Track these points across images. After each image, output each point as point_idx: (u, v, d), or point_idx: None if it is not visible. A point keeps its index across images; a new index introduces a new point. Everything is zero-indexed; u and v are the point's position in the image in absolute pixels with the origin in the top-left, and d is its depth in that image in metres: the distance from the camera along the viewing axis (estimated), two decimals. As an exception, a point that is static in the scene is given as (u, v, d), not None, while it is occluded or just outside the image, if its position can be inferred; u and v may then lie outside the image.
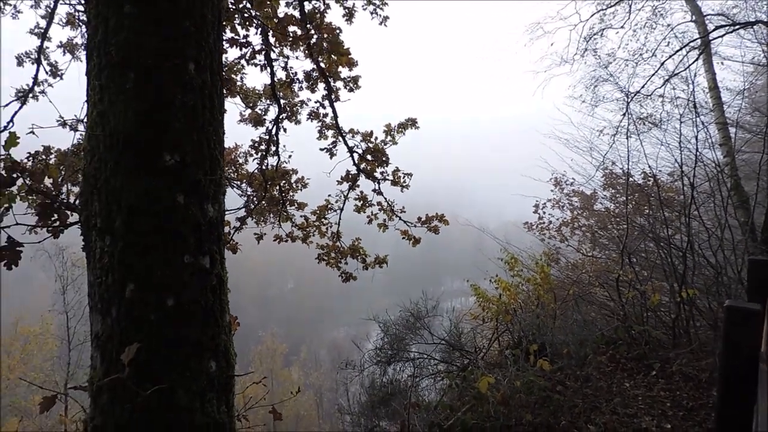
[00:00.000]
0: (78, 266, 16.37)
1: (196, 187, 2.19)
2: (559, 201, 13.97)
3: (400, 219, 8.10)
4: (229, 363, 2.31)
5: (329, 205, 8.31)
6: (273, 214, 8.37)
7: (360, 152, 7.88)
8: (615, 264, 9.48)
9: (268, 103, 8.01)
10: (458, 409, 4.49)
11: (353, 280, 8.29)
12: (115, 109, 2.11)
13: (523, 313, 7.12)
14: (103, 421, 2.09)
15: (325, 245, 8.47)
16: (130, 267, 2.06)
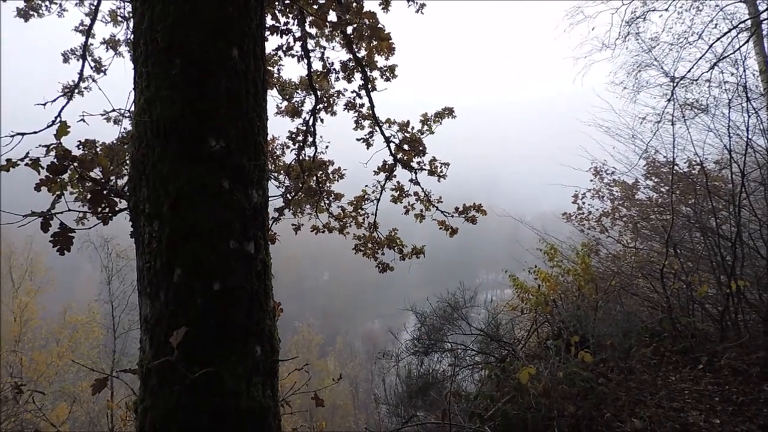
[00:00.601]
0: (122, 257, 16.87)
1: (241, 173, 2.22)
2: (599, 191, 13.65)
3: (438, 209, 8.04)
4: (273, 348, 2.33)
5: (366, 196, 8.32)
6: (310, 204, 8.43)
7: (397, 142, 7.84)
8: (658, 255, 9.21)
9: (304, 94, 8.06)
10: (498, 399, 4.44)
11: (390, 270, 8.30)
12: (161, 95, 2.14)
13: (563, 304, 6.98)
14: (152, 403, 2.13)
15: (361, 236, 8.49)
16: (177, 252, 2.10)
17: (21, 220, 2.19)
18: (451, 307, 7.29)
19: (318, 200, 8.18)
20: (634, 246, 10.82)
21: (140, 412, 2.19)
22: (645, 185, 12.30)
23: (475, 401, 4.53)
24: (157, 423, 2.10)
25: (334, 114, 8.28)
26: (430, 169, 8.06)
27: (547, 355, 5.44)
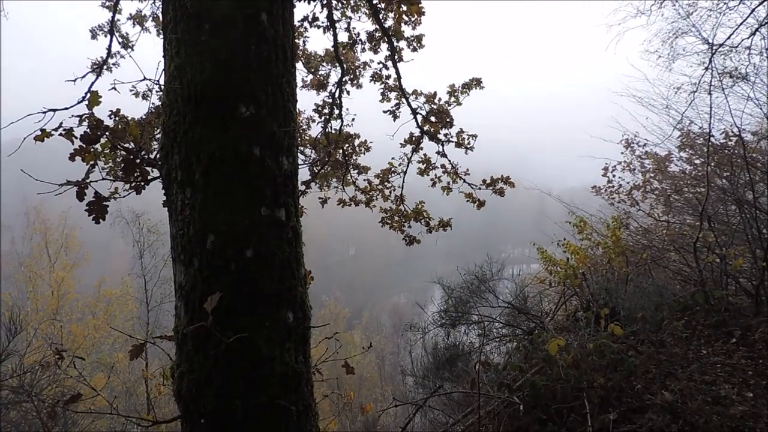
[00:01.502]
0: (153, 232, 17.21)
1: (271, 140, 2.21)
2: (630, 163, 13.34)
3: (465, 181, 7.97)
4: (305, 314, 2.36)
5: (392, 169, 8.28)
6: (336, 178, 8.43)
7: (423, 114, 7.75)
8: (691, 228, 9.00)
9: (329, 67, 8.00)
10: (527, 370, 4.43)
11: (417, 243, 8.29)
12: (191, 61, 2.14)
13: (593, 278, 6.90)
14: (189, 368, 2.18)
15: (388, 209, 8.48)
16: (210, 219, 2.12)
17: (57, 189, 2.23)
18: (478, 279, 7.26)
19: (344, 173, 8.17)
20: (666, 220, 10.58)
21: (177, 377, 2.24)
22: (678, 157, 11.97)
23: (504, 372, 4.54)
24: (193, 387, 2.15)
25: (360, 87, 8.22)
26: (458, 141, 7.96)
27: (575, 328, 5.40)
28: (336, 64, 7.63)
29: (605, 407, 3.82)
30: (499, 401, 4.07)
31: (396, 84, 7.86)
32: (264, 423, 2.15)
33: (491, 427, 3.89)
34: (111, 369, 6.70)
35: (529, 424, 3.86)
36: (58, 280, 21.46)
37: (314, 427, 2.40)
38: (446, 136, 8.01)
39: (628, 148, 13.15)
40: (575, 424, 3.65)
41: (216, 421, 2.13)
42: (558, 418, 3.77)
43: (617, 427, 3.60)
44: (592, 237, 8.08)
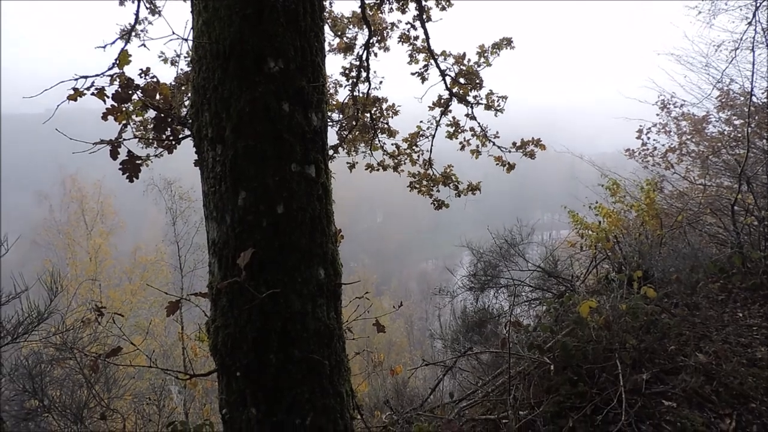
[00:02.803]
0: (185, 199, 17.53)
1: (300, 95, 2.19)
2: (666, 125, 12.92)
3: (494, 144, 7.84)
4: (336, 271, 2.37)
5: (421, 132, 8.19)
6: (364, 142, 8.38)
7: (452, 75, 7.61)
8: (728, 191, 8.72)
9: (356, 30, 7.88)
10: (558, 332, 4.41)
11: (446, 207, 8.25)
12: (219, 15, 2.11)
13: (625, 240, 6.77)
14: (223, 323, 2.23)
15: (416, 173, 8.43)
16: (241, 175, 2.13)
17: (92, 148, 2.26)
18: (507, 243, 7.21)
19: (372, 137, 8.11)
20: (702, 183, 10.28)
21: (212, 331, 2.29)
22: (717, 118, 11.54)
23: (534, 333, 4.52)
24: (229, 341, 2.20)
25: (387, 49, 8.10)
26: (487, 103, 7.82)
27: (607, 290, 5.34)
28: (363, 25, 7.50)
29: (637, 368, 3.79)
30: (530, 362, 4.07)
31: (424, 45, 7.72)
32: (298, 376, 2.19)
33: (521, 387, 3.90)
34: (149, 326, 6.98)
35: (559, 384, 3.85)
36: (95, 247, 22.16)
37: (347, 383, 2.44)
38: (475, 98, 7.87)
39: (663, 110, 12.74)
40: (607, 385, 3.63)
41: (251, 374, 2.18)
42: (589, 378, 3.76)
43: (650, 388, 3.57)
44: (626, 200, 7.90)
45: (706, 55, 9.85)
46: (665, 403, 3.41)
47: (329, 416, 2.29)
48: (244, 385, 2.19)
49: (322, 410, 2.26)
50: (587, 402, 3.54)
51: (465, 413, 4.32)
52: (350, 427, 2.43)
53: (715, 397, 3.48)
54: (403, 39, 7.80)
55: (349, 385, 2.47)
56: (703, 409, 3.39)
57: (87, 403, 3.74)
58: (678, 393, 3.50)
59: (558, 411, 3.61)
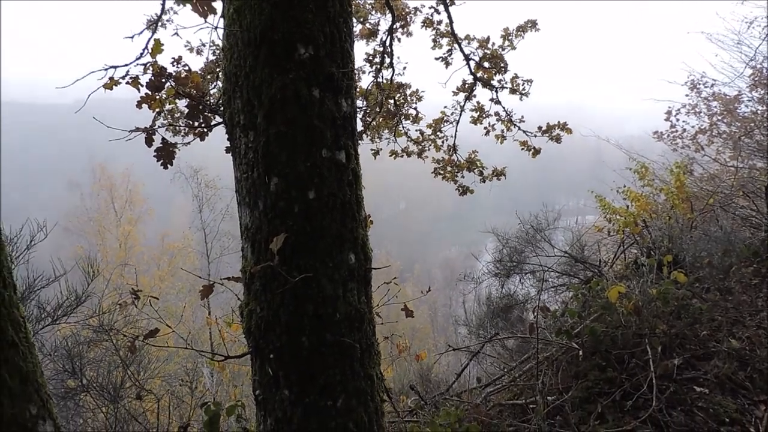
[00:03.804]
0: (211, 187, 17.81)
1: (330, 81, 2.20)
2: (696, 106, 12.60)
3: (519, 129, 7.75)
4: (366, 256, 2.39)
5: (445, 118, 8.13)
6: (388, 129, 8.35)
7: (477, 60, 7.52)
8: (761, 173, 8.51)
9: (378, 16, 7.83)
10: (585, 317, 4.38)
11: (470, 193, 8.20)
12: (249, 3, 2.13)
13: (655, 224, 6.66)
14: (257, 306, 2.27)
15: (441, 159, 8.39)
16: (273, 161, 2.15)
17: (127, 135, 2.31)
18: (533, 229, 7.16)
19: (396, 124, 8.08)
20: (734, 165, 10.02)
21: (246, 315, 2.34)
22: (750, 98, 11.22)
23: (562, 318, 4.50)
24: (262, 324, 2.24)
25: (410, 35, 8.04)
26: (512, 87, 7.72)
27: (636, 275, 5.27)
28: (386, 11, 7.45)
29: (668, 354, 3.75)
30: (558, 347, 4.06)
31: (448, 29, 7.64)
32: (329, 359, 2.23)
33: (549, 373, 3.90)
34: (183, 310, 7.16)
35: (588, 369, 3.84)
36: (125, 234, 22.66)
37: (377, 366, 2.47)
38: (500, 82, 7.77)
39: (693, 90, 12.43)
40: (636, 370, 3.60)
41: (284, 357, 2.22)
42: (618, 364, 3.74)
43: (681, 374, 3.54)
44: (654, 183, 7.77)
45: (738, 32, 9.54)
46: (697, 390, 3.38)
47: (360, 399, 2.33)
48: (277, 367, 2.23)
49: (354, 393, 2.30)
50: (616, 388, 3.52)
51: (492, 398, 4.34)
52: (380, 410, 2.47)
53: (749, 384, 3.43)
54: (426, 23, 7.73)
55: (379, 369, 2.50)
56: (737, 395, 3.34)
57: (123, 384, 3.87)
58: (710, 379, 3.46)
59: (586, 396, 3.60)
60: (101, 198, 26.48)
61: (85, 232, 24.94)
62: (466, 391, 4.82)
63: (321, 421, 2.23)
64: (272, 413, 2.28)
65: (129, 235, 22.98)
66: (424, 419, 3.99)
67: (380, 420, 2.45)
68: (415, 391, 4.57)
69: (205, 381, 5.23)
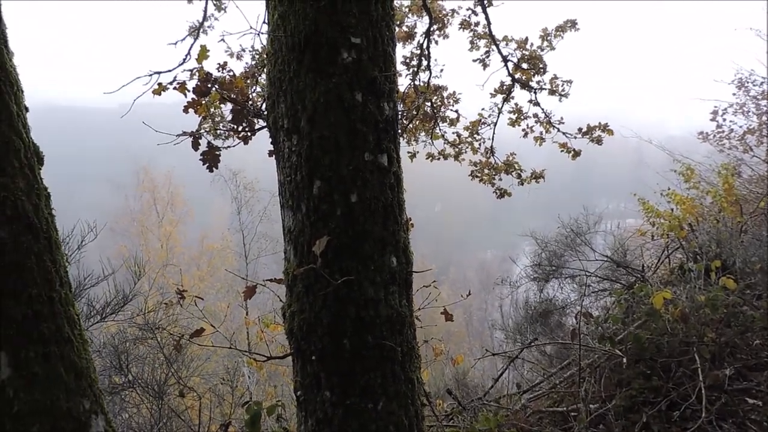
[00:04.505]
0: (249, 189, 18.12)
1: (373, 85, 2.22)
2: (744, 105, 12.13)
3: (559, 130, 7.62)
4: (408, 259, 2.39)
5: (482, 120, 8.07)
6: (425, 131, 8.33)
7: (515, 61, 7.43)
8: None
9: (415, 18, 7.82)
10: (629, 323, 4.27)
11: (508, 196, 8.10)
12: (294, 8, 2.16)
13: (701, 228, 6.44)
14: (299, 308, 2.30)
15: (478, 162, 8.32)
16: (316, 165, 2.18)
17: (175, 139, 2.37)
18: (573, 232, 7.02)
19: (433, 126, 8.05)
20: (787, 166, 9.61)
21: (288, 316, 2.37)
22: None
23: (605, 324, 4.39)
24: (304, 326, 2.27)
25: (446, 37, 8.01)
26: (551, 88, 7.60)
27: (681, 281, 5.11)
28: (422, 13, 7.44)
29: (718, 363, 3.61)
30: (601, 354, 3.97)
31: (485, 31, 7.58)
32: (371, 362, 2.24)
33: (591, 380, 3.81)
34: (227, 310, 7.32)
35: (632, 377, 3.74)
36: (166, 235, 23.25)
37: (417, 369, 2.47)
38: (539, 83, 7.66)
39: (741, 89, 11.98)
40: (684, 380, 3.48)
41: (325, 358, 2.24)
42: (664, 372, 3.62)
43: (732, 384, 3.41)
44: (700, 186, 7.51)
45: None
46: (749, 401, 3.25)
47: (400, 402, 2.32)
48: (319, 368, 2.25)
49: (394, 396, 2.30)
50: (662, 397, 3.42)
51: (531, 405, 4.27)
52: (420, 414, 2.46)
53: (805, 396, 3.28)
54: (464, 25, 7.69)
55: (419, 373, 2.50)
56: (792, 407, 3.20)
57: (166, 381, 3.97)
58: (763, 390, 3.32)
59: (630, 405, 3.50)
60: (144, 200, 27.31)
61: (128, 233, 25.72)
62: (504, 397, 4.76)
63: (361, 424, 2.24)
64: (313, 414, 2.30)
65: (170, 236, 23.61)
66: (462, 424, 3.96)
67: (420, 424, 2.44)
68: (453, 395, 4.54)
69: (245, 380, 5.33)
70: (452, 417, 4.36)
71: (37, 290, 1.79)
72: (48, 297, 1.81)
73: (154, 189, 26.91)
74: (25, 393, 1.73)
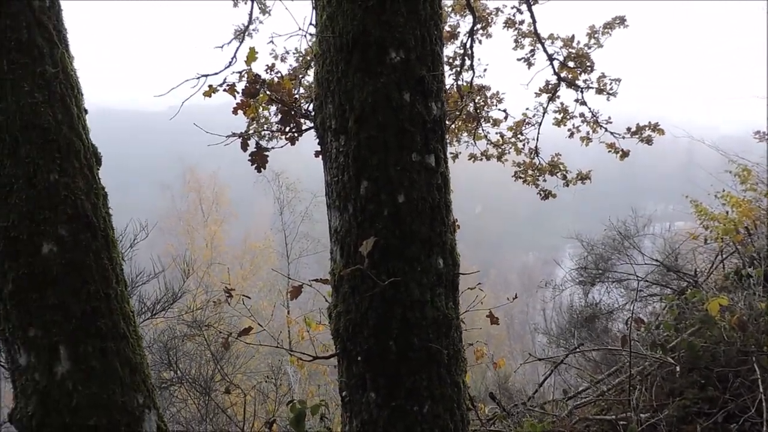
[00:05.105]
0: (291, 190, 18.38)
1: (421, 84, 2.20)
2: (808, 99, 11.51)
3: (606, 130, 7.42)
4: (455, 261, 2.36)
5: (526, 120, 7.94)
6: (467, 132, 8.26)
7: (561, 59, 7.29)
8: None
9: (457, 18, 7.77)
10: (682, 330, 4.11)
11: (552, 197, 7.95)
12: (342, 9, 2.17)
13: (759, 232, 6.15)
14: (345, 308, 2.29)
15: (521, 162, 8.20)
16: (363, 165, 2.17)
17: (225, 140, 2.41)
18: (621, 235, 6.82)
19: (476, 127, 7.97)
20: None
21: (334, 317, 2.37)
22: None
23: (656, 331, 4.24)
24: (350, 327, 2.26)
25: (489, 36, 7.93)
26: (598, 87, 7.43)
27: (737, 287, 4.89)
28: (465, 12, 7.38)
29: (779, 374, 3.44)
30: (652, 361, 3.83)
31: (530, 29, 7.47)
32: (416, 364, 2.21)
33: (642, 388, 3.69)
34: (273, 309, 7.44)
35: (685, 387, 3.60)
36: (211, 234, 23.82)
37: (463, 373, 2.43)
38: (585, 82, 7.50)
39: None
40: (742, 391, 3.33)
41: (371, 359, 2.23)
42: (720, 382, 3.47)
43: (795, 397, 3.23)
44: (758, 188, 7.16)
45: None
46: (814, 415, 3.07)
47: (446, 405, 2.29)
48: (365, 369, 2.25)
49: (440, 399, 2.27)
50: (718, 408, 3.28)
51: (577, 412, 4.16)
52: (466, 418, 2.42)
53: None
54: (508, 24, 7.60)
55: (465, 376, 2.46)
56: None
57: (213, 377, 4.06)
58: (830, 404, 3.13)
59: (684, 416, 3.38)
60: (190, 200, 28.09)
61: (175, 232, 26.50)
62: (548, 403, 4.66)
63: (407, 426, 2.22)
64: (358, 415, 2.30)
65: (215, 235, 24.18)
66: (507, 429, 3.89)
67: (466, 429, 2.41)
68: (497, 400, 4.47)
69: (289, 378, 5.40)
70: (494, 422, 4.29)
71: (95, 287, 1.85)
72: (105, 294, 1.87)
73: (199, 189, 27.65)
74: (84, 387, 1.79)
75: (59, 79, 1.96)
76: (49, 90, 1.92)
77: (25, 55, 1.90)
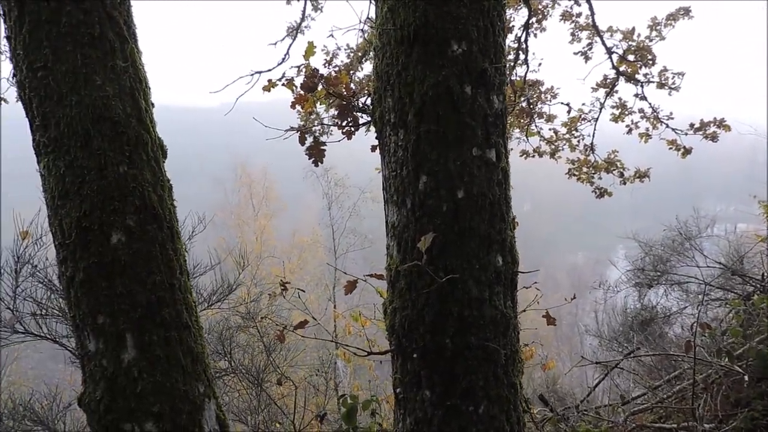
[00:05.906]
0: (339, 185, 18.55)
1: (483, 77, 2.14)
2: None
3: (668, 126, 7.11)
4: (514, 259, 2.30)
5: (582, 115, 7.70)
6: (519, 128, 8.08)
7: (620, 53, 7.02)
8: None
9: (512, 11, 7.60)
10: (751, 337, 3.90)
11: (608, 196, 7.69)
12: (403, 1, 2.14)
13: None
14: (401, 305, 2.27)
15: (576, 159, 7.96)
16: (422, 159, 2.14)
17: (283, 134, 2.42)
18: (682, 235, 6.52)
19: (529, 123, 7.78)
20: None
21: (389, 312, 2.35)
22: None
23: (722, 337, 4.04)
24: (406, 323, 2.24)
25: (543, 30, 7.74)
26: (660, 82, 7.11)
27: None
28: (520, 4, 7.21)
29: None
30: (716, 369, 3.65)
31: (588, 22, 7.23)
32: (473, 363, 2.17)
33: (706, 397, 3.51)
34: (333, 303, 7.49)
35: (752, 397, 3.42)
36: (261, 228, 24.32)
37: (520, 374, 2.37)
38: (646, 76, 7.19)
39: None
40: (817, 404, 3.13)
41: (427, 357, 2.20)
42: (793, 394, 3.27)
43: None
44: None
45: None
46: None
47: (502, 406, 2.24)
48: (420, 367, 2.22)
49: (496, 399, 2.22)
50: (790, 421, 3.09)
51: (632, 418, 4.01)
52: (522, 420, 2.37)
53: None
54: (564, 16, 7.38)
55: (521, 377, 2.40)
56: None
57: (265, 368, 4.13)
58: None
59: (752, 428, 3.21)
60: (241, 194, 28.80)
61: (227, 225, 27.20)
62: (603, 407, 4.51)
63: (462, 426, 2.18)
64: (412, 413, 2.27)
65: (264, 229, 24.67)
66: (560, 433, 3.79)
67: (521, 431, 2.35)
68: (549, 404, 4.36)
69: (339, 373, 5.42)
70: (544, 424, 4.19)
71: (160, 277, 1.89)
72: (170, 284, 1.92)
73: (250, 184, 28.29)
74: (148, 374, 1.84)
75: (129, 73, 2.02)
76: (120, 84, 1.99)
77: (97, 50, 1.97)
